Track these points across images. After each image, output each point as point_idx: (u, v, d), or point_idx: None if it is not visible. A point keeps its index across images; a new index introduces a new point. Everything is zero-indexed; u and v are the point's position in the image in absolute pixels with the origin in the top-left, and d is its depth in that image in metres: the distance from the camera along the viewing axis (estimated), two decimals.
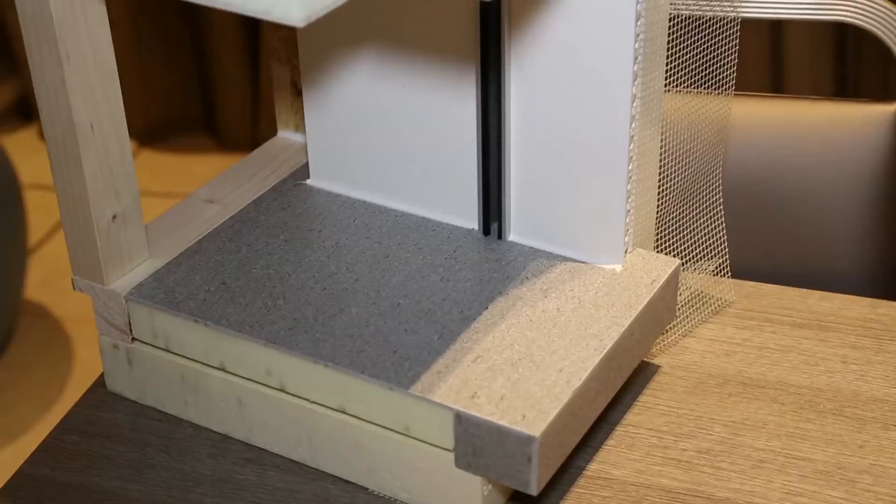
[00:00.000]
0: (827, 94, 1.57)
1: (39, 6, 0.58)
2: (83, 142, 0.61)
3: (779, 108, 0.82)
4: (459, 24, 0.64)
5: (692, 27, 0.67)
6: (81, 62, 0.59)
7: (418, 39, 0.66)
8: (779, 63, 1.59)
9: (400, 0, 0.65)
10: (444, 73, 0.66)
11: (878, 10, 0.72)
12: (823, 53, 1.56)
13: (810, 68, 1.57)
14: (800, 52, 1.55)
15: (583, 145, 0.64)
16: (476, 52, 0.64)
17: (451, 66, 0.65)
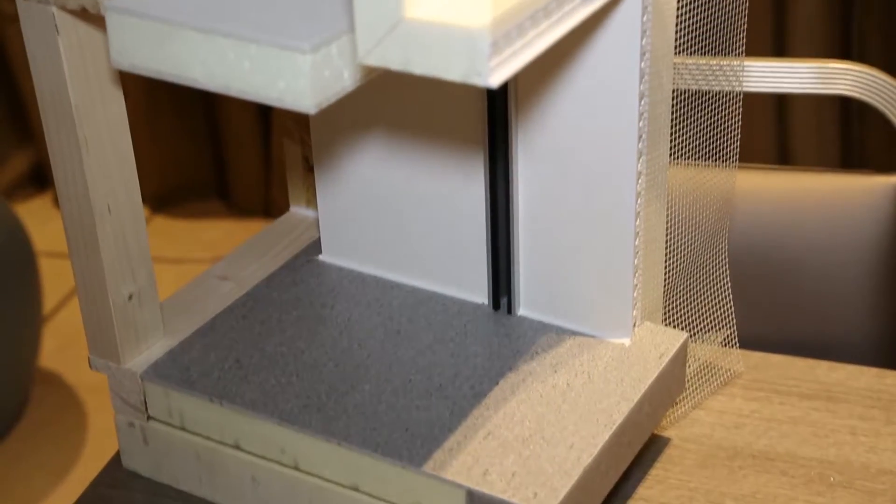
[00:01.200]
0: (833, 165, 1.58)
1: (58, 91, 0.59)
2: (100, 223, 0.63)
3: (782, 180, 0.83)
4: (467, 106, 0.65)
5: (696, 101, 0.68)
6: (99, 146, 0.61)
7: (426, 121, 0.67)
8: (785, 134, 1.61)
9: (407, 84, 0.67)
10: (453, 152, 0.67)
11: (879, 84, 0.74)
12: (829, 124, 1.58)
13: (816, 139, 1.59)
14: (805, 124, 1.57)
15: (590, 222, 0.65)
16: (484, 132, 0.65)
17: (460, 146, 0.67)
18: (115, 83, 0.60)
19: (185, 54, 0.54)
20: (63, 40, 0.57)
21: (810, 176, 0.82)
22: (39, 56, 0.58)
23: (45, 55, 0.58)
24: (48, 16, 0.56)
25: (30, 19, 0.57)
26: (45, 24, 0.57)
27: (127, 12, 0.54)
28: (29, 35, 0.58)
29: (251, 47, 0.52)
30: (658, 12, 0.60)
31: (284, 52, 0.52)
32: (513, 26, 0.49)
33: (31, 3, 0.56)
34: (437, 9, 0.49)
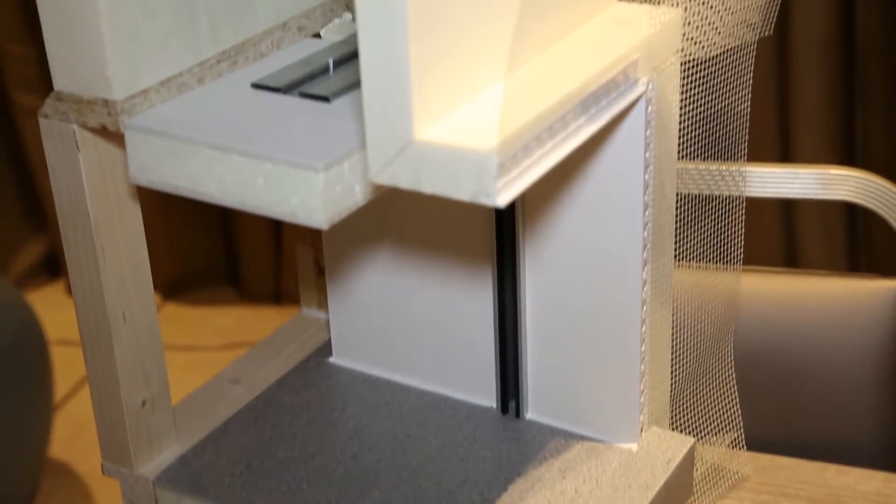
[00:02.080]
0: (841, 267, 1.59)
1: (77, 204, 0.61)
2: (115, 331, 0.64)
3: (787, 283, 0.84)
4: (475, 217, 0.67)
5: (700, 205, 0.70)
6: (115, 257, 0.62)
7: (435, 231, 0.69)
8: (792, 237, 1.62)
9: (417, 196, 0.68)
10: (461, 261, 0.69)
11: (879, 190, 0.75)
12: (836, 227, 1.59)
13: (824, 242, 1.60)
14: (812, 226, 1.59)
15: (597, 329, 0.66)
16: (492, 242, 0.67)
17: (468, 255, 0.68)
18: (133, 197, 0.62)
19: (202, 171, 0.55)
20: (83, 156, 0.59)
21: (814, 279, 0.83)
22: (60, 170, 0.60)
23: (65, 170, 0.59)
24: (69, 133, 0.58)
25: (51, 135, 0.59)
26: (66, 141, 0.58)
27: (146, 130, 0.56)
28: (50, 150, 0.59)
29: (266, 165, 0.54)
30: (661, 125, 0.62)
31: (298, 169, 0.53)
32: (519, 147, 0.50)
33: (53, 120, 0.58)
34: (446, 130, 0.51)
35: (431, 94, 0.50)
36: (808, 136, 1.54)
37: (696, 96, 0.64)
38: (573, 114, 0.54)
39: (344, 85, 0.60)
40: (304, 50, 0.65)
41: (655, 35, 0.59)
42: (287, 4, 0.66)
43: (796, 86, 1.52)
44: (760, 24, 0.62)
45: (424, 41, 0.49)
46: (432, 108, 0.50)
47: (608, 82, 0.56)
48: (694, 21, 0.60)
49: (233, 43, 0.62)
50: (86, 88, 0.57)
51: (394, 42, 0.48)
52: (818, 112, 1.52)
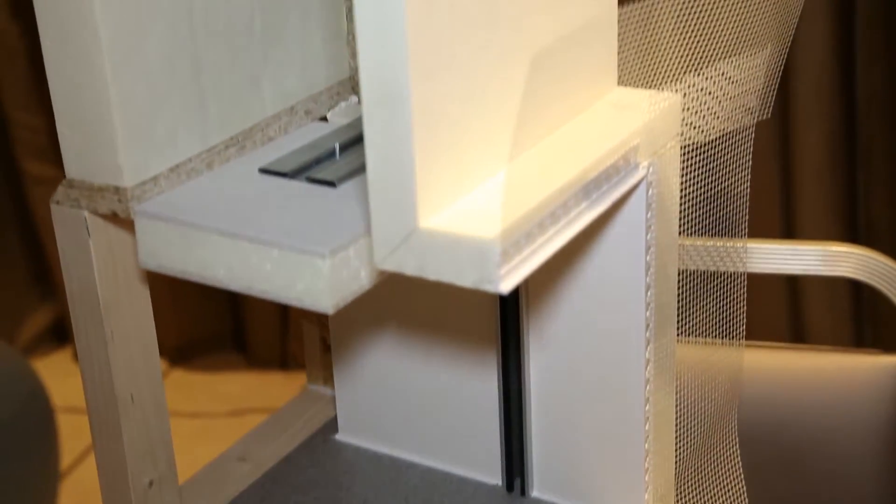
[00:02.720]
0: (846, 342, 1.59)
1: (87, 288, 0.62)
2: (123, 412, 0.64)
3: (791, 359, 0.85)
4: (479, 300, 0.68)
5: (702, 280, 0.70)
6: (124, 340, 0.63)
7: (440, 314, 0.70)
8: (798, 311, 1.62)
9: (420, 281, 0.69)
10: (466, 342, 0.69)
11: (881, 267, 0.76)
12: (841, 301, 1.59)
13: (829, 316, 1.60)
14: (818, 301, 1.59)
15: (601, 408, 0.67)
16: (496, 324, 0.67)
17: (473, 336, 0.69)
18: (142, 280, 0.63)
19: (210, 257, 0.56)
20: (94, 242, 0.60)
21: (818, 355, 0.84)
22: (70, 255, 0.61)
23: (75, 254, 0.60)
24: (80, 219, 0.59)
25: (62, 221, 0.60)
26: (77, 227, 0.59)
27: (155, 217, 0.57)
28: (61, 235, 0.60)
29: (273, 251, 0.55)
30: (662, 207, 0.63)
31: (304, 255, 0.54)
32: (521, 235, 0.51)
33: (64, 207, 0.59)
34: (450, 218, 0.52)
35: (435, 183, 0.51)
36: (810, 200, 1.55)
37: (696, 178, 0.65)
38: (575, 199, 0.55)
39: (350, 169, 0.62)
40: (311, 133, 0.67)
41: (655, 120, 0.60)
42: (294, 88, 0.67)
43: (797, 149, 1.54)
44: (758, 109, 0.63)
45: (428, 131, 0.50)
46: (436, 196, 0.51)
47: (609, 168, 0.57)
48: (692, 107, 0.61)
49: (241, 128, 0.64)
50: (97, 176, 0.58)
51: (398, 132, 0.49)
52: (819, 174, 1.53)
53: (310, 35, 0.67)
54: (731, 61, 0.60)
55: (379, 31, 0.48)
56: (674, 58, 0.59)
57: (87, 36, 0.55)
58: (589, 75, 0.61)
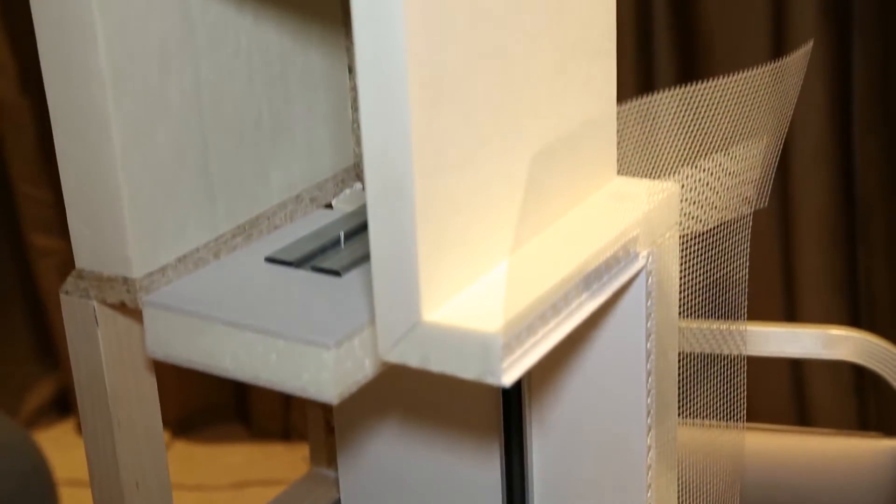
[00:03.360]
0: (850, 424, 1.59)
1: (95, 376, 0.62)
2: (128, 499, 0.65)
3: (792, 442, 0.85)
4: (481, 389, 0.68)
5: (702, 363, 0.71)
6: (130, 427, 0.64)
7: (443, 402, 0.70)
8: (800, 393, 1.62)
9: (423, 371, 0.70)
10: (469, 430, 0.70)
11: (879, 351, 0.77)
12: (843, 383, 1.59)
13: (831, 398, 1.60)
14: (819, 382, 1.59)
15: (603, 494, 0.67)
16: (498, 412, 0.68)
17: (475, 424, 0.69)
18: (149, 369, 0.63)
19: (217, 347, 0.57)
20: (102, 331, 0.60)
21: (819, 438, 0.84)
22: (79, 344, 0.62)
23: (84, 343, 0.61)
24: (89, 309, 0.60)
25: (71, 311, 0.61)
26: (86, 317, 0.60)
27: (163, 307, 0.58)
28: (70, 325, 0.61)
29: (278, 342, 0.56)
30: (661, 294, 0.64)
31: (309, 346, 0.55)
32: (523, 327, 0.52)
33: (74, 297, 0.60)
34: (453, 311, 0.52)
35: (439, 276, 0.52)
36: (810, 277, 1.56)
37: (695, 265, 0.66)
38: (575, 291, 0.56)
39: (354, 258, 0.63)
40: (317, 221, 0.68)
41: (654, 210, 0.61)
42: (300, 177, 0.68)
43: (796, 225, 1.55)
44: (756, 198, 0.64)
45: (431, 226, 0.51)
46: (439, 289, 0.52)
47: (609, 258, 0.58)
48: (690, 197, 0.62)
49: (248, 217, 0.65)
50: (107, 267, 0.59)
51: (402, 227, 0.50)
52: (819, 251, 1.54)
53: (316, 124, 0.69)
54: (728, 153, 0.62)
55: (384, 129, 0.49)
56: (672, 151, 0.60)
57: (99, 131, 0.56)
58: (589, 167, 0.62)
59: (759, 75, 0.60)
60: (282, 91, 0.65)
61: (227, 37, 0.61)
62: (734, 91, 0.60)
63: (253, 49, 0.63)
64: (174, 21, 0.58)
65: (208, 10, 0.60)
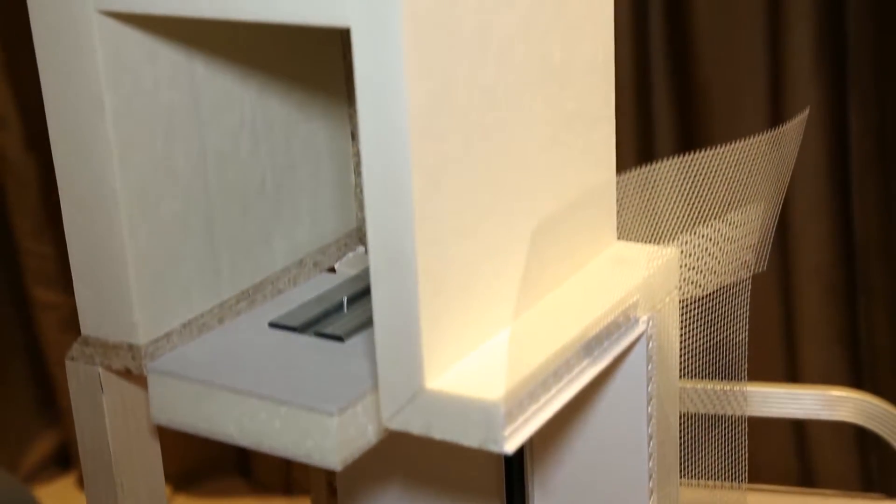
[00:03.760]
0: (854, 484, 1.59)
1: (99, 441, 0.63)
2: None
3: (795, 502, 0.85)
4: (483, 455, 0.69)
5: (703, 423, 0.71)
6: (134, 492, 0.64)
7: (445, 465, 0.71)
8: (804, 453, 1.62)
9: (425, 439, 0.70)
10: (471, 493, 0.70)
11: (879, 412, 0.77)
12: (846, 443, 1.59)
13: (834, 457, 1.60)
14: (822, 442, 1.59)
15: None
16: (500, 477, 0.68)
17: (477, 488, 0.70)
18: (153, 434, 0.64)
19: (221, 413, 0.58)
20: (107, 397, 0.61)
21: (822, 500, 0.84)
22: (83, 409, 0.62)
23: (89, 409, 0.62)
24: (94, 375, 0.61)
25: (76, 377, 0.61)
26: (91, 383, 0.61)
27: (167, 374, 0.59)
28: (75, 390, 0.62)
29: (282, 408, 0.56)
30: (662, 358, 0.64)
31: (313, 413, 0.56)
32: (525, 395, 0.53)
33: (79, 363, 0.61)
34: (455, 378, 0.53)
35: (441, 344, 0.53)
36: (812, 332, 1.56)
37: (695, 328, 0.66)
38: (577, 357, 0.56)
39: (357, 323, 0.63)
40: (320, 285, 0.68)
41: (654, 275, 0.62)
42: (304, 242, 0.69)
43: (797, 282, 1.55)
44: (755, 263, 0.65)
45: (434, 295, 0.52)
46: (442, 357, 0.53)
47: (610, 324, 0.59)
48: (688, 263, 0.63)
49: (252, 282, 0.65)
50: (112, 333, 0.60)
51: (405, 297, 0.51)
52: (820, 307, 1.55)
53: (319, 190, 0.69)
54: (726, 220, 0.62)
55: (387, 202, 0.50)
56: (671, 218, 0.61)
57: (105, 199, 0.57)
58: (589, 233, 0.63)
59: (756, 143, 0.61)
60: (285, 158, 0.66)
61: (232, 106, 0.62)
62: (732, 159, 0.60)
63: (257, 118, 0.64)
64: (181, 91, 0.59)
65: (214, 81, 0.61)
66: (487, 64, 0.53)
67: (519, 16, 0.54)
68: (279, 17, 0.50)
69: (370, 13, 0.48)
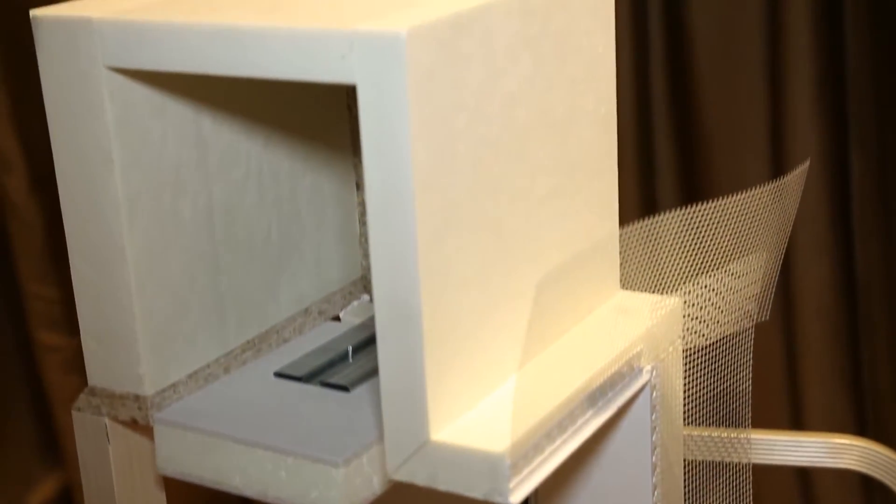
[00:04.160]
0: None
1: (105, 491, 0.63)
2: None
3: None
4: None
5: (707, 470, 0.71)
6: None
7: None
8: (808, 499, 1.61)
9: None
10: None
11: (883, 460, 0.77)
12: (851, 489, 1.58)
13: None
14: (828, 489, 1.58)
15: None
16: None
17: None
18: (159, 485, 0.64)
19: (227, 463, 0.58)
20: (113, 448, 0.61)
21: None
22: (90, 459, 0.62)
23: (95, 459, 0.62)
24: (101, 426, 0.61)
25: (83, 427, 0.62)
26: (98, 433, 0.61)
27: (174, 424, 0.59)
28: (81, 440, 0.62)
29: (288, 459, 0.56)
30: (666, 407, 0.65)
31: (318, 464, 0.56)
32: (530, 447, 0.53)
33: (86, 413, 0.61)
34: (460, 430, 0.53)
35: (446, 395, 0.53)
36: (815, 374, 1.56)
37: (699, 377, 0.67)
38: (581, 408, 0.57)
39: (362, 373, 0.63)
40: (325, 334, 0.69)
41: (657, 325, 0.62)
42: (309, 291, 0.70)
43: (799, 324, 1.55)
44: (757, 312, 0.65)
45: (439, 347, 0.52)
46: (447, 408, 0.53)
47: (614, 375, 0.59)
48: (691, 313, 0.63)
49: (258, 332, 0.66)
50: (118, 384, 0.60)
51: (410, 349, 0.51)
52: (824, 350, 1.55)
53: (324, 239, 0.70)
54: (729, 270, 0.63)
55: (392, 254, 0.51)
56: (674, 269, 0.62)
57: (113, 252, 0.58)
58: (593, 283, 0.63)
59: (758, 195, 0.61)
60: (291, 208, 0.67)
61: (239, 159, 0.63)
62: (734, 210, 0.61)
63: (263, 169, 0.65)
64: (188, 146, 0.60)
65: (221, 134, 0.62)
66: (491, 118, 0.54)
67: (523, 71, 0.55)
68: (287, 75, 0.51)
69: (376, 70, 0.48)
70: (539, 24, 0.56)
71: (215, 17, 0.53)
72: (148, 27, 0.54)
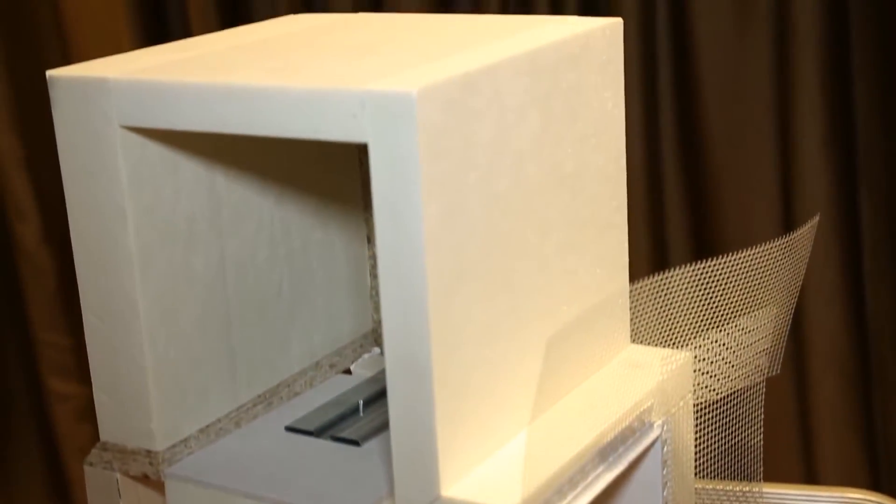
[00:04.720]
0: None
1: None
2: None
3: None
4: None
5: None
6: None
7: None
8: None
9: None
10: None
11: None
12: None
13: None
14: None
15: None
16: None
17: None
18: None
19: None
20: (124, 503, 0.61)
21: None
22: None
23: None
24: (112, 481, 0.61)
25: (94, 482, 0.62)
26: (109, 488, 0.61)
27: (185, 479, 0.59)
28: (92, 495, 0.62)
29: None
30: (677, 461, 0.64)
31: None
32: (541, 502, 0.53)
33: (97, 468, 0.61)
34: (471, 486, 0.53)
35: (457, 451, 0.53)
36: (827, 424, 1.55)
37: (710, 432, 0.66)
38: (592, 463, 0.57)
39: (373, 427, 0.63)
40: (336, 387, 0.69)
41: (668, 380, 0.62)
42: (320, 344, 0.70)
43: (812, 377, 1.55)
44: (768, 367, 0.65)
45: (449, 403, 0.52)
46: (458, 464, 0.53)
47: (625, 430, 0.59)
48: (701, 367, 0.63)
49: (269, 386, 0.66)
50: (130, 440, 0.60)
51: (421, 405, 0.51)
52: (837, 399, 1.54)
53: (335, 293, 0.70)
54: (739, 326, 0.63)
55: (403, 310, 0.51)
56: (684, 324, 0.62)
57: (126, 307, 0.58)
58: (603, 338, 0.63)
59: (768, 250, 0.62)
60: (302, 262, 0.67)
61: (251, 214, 0.63)
62: (745, 266, 0.61)
63: (275, 224, 0.65)
64: (201, 201, 0.60)
65: (233, 190, 0.62)
66: (502, 174, 0.54)
67: (532, 128, 0.56)
68: (300, 133, 0.52)
69: (387, 129, 0.49)
70: (548, 82, 0.56)
71: (228, 77, 0.54)
72: (162, 87, 0.54)
